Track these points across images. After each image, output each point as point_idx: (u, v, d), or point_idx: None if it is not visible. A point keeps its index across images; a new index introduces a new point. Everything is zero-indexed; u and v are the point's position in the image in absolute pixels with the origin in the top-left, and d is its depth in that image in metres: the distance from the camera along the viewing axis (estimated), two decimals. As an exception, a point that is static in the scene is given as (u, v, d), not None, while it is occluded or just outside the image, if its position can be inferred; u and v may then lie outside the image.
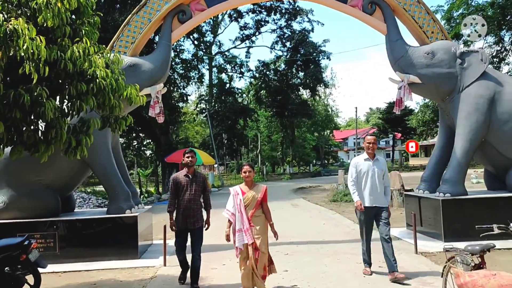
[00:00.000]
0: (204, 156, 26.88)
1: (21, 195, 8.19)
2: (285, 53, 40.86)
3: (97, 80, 4.92)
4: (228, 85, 42.59)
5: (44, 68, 4.28)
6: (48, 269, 6.51)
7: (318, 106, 54.80)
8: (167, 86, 9.43)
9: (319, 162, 57.92)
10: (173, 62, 28.82)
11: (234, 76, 43.60)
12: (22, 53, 4.13)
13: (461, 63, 9.02)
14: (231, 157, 53.64)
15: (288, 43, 40.15)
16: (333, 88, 63.09)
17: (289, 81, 42.00)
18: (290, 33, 39.75)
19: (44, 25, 4.61)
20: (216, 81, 41.96)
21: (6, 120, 4.45)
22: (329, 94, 58.03)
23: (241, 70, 41.99)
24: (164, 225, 7.68)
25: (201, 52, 36.61)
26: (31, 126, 4.80)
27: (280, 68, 41.41)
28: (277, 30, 40.16)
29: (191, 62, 33.42)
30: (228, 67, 42.72)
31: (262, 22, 39.95)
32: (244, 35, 40.92)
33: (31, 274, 5.94)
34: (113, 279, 7.05)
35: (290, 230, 10.60)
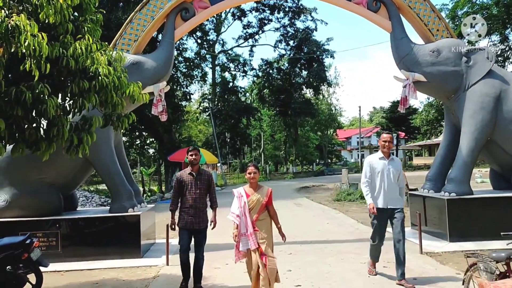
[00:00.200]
0: (207, 155, 26.83)
1: (24, 194, 8.16)
2: (289, 52, 40.79)
3: (100, 78, 4.87)
4: (231, 84, 42.53)
5: (46, 65, 4.23)
6: (50, 268, 6.47)
7: (322, 105, 54.70)
8: (170, 85, 9.38)
9: (323, 161, 57.86)
10: (176, 61, 28.80)
11: (237, 75, 43.58)
12: (24, 50, 4.07)
13: (467, 61, 8.93)
14: (234, 156, 53.67)
15: (292, 42, 40.07)
16: (337, 87, 62.88)
17: (292, 80, 41.91)
18: (294, 32, 39.65)
19: (46, 22, 4.56)
20: (219, 80, 41.92)
21: (8, 118, 4.40)
22: (333, 93, 57.93)
23: (244, 69, 41.95)
24: (167, 224, 7.62)
25: (204, 51, 36.53)
26: (33, 124, 4.74)
27: (284, 67, 41.33)
28: (281, 29, 40.12)
29: (194, 61, 33.39)
30: (232, 66, 42.66)
31: (266, 21, 39.89)
32: (248, 34, 40.87)
33: (33, 273, 5.91)
34: (116, 278, 7.01)
35: (294, 230, 10.53)
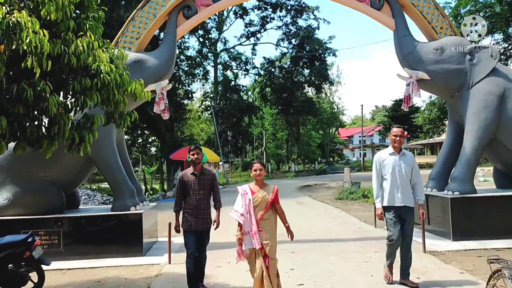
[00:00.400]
0: (209, 154, 26.80)
1: (26, 192, 8.15)
2: (291, 50, 40.68)
3: (101, 75, 4.82)
4: (233, 82, 42.47)
5: (47, 62, 4.20)
6: (52, 266, 6.45)
7: (324, 104, 54.62)
8: (172, 83, 9.34)
9: (324, 160, 57.80)
10: (178, 59, 28.75)
11: (239, 73, 43.50)
12: (25, 47, 4.03)
13: (471, 59, 8.88)
14: (236, 155, 53.65)
15: (294, 40, 39.95)
16: (339, 85, 62.78)
17: (294, 79, 41.82)
18: (296, 30, 39.54)
19: (48, 19, 4.53)
20: (221, 78, 41.87)
21: (9, 115, 4.37)
22: (335, 91, 57.83)
23: (246, 67, 41.86)
24: (169, 223, 7.61)
25: (206, 49, 36.48)
26: (34, 122, 4.72)
27: (286, 65, 41.24)
28: (283, 27, 40.00)
29: (196, 59, 33.34)
30: (234, 64, 42.59)
31: (268, 19, 39.77)
32: (249, 32, 40.76)
33: (35, 271, 5.90)
34: (118, 277, 6.99)
35: (296, 228, 10.33)
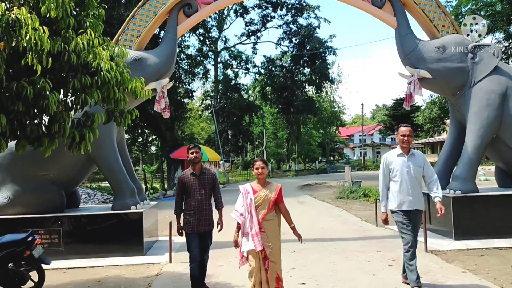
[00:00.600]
0: (210, 153, 26.77)
1: (26, 191, 8.12)
2: (291, 49, 40.65)
3: (102, 73, 4.80)
4: (234, 81, 42.43)
5: (47, 60, 4.16)
6: (53, 265, 6.42)
7: (324, 103, 54.60)
8: (172, 82, 9.31)
9: (325, 159, 57.79)
10: (178, 58, 28.72)
11: (240, 72, 43.47)
12: (25, 44, 4.01)
13: (473, 58, 8.83)
14: (236, 154, 53.60)
15: (294, 39, 39.91)
16: (340, 84, 62.78)
17: (295, 78, 41.80)
18: (296, 29, 39.49)
19: (48, 16, 4.50)
20: (222, 77, 41.84)
21: (9, 113, 4.34)
22: (336, 90, 57.84)
23: (247, 66, 41.81)
24: (170, 222, 7.58)
25: (206, 48, 36.43)
26: (34, 120, 4.69)
27: (286, 64, 41.19)
28: (283, 26, 39.97)
29: (196, 58, 33.30)
30: (234, 63, 42.56)
31: (268, 18, 39.72)
32: (250, 31, 40.73)
33: (35, 271, 5.87)
34: (118, 276, 6.96)
35: (297, 227, 10.37)
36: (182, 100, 30.57)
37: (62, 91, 4.93)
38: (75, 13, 5.13)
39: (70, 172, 8.69)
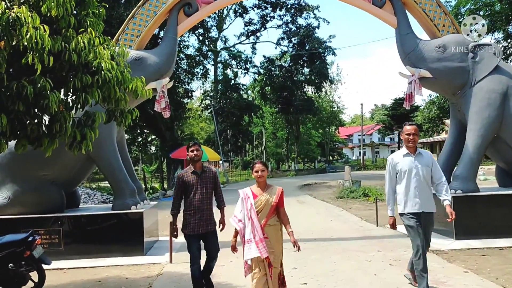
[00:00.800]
0: (210, 152, 26.75)
1: (26, 191, 8.10)
2: (291, 49, 40.65)
3: (102, 72, 4.78)
4: (233, 81, 42.42)
5: (48, 58, 4.14)
6: (53, 266, 6.39)
7: (324, 103, 54.59)
8: (172, 82, 9.28)
9: (324, 159, 57.79)
10: (177, 58, 28.69)
11: (239, 72, 43.47)
12: (26, 43, 3.98)
13: (473, 57, 8.82)
14: (236, 154, 53.57)
15: (294, 39, 39.90)
16: (339, 84, 62.82)
17: (294, 78, 41.80)
18: (296, 29, 39.49)
19: (48, 15, 4.48)
20: (221, 77, 41.82)
21: (9, 113, 4.31)
22: (335, 89, 57.84)
23: (246, 66, 41.79)
24: (170, 222, 7.53)
25: (206, 48, 36.40)
26: (35, 119, 4.66)
27: (285, 64, 41.18)
28: (283, 26, 39.96)
29: (195, 58, 33.28)
30: (233, 63, 42.55)
31: (268, 18, 39.72)
32: (249, 31, 40.72)
33: (35, 271, 5.85)
34: (119, 276, 6.94)
35: (297, 227, 10.36)
36: (182, 100, 30.56)
37: (63, 91, 4.90)
38: (76, 12, 5.10)
39: (70, 172, 8.67)
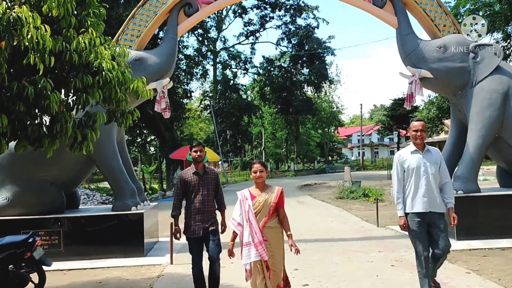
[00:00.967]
0: (209, 153, 26.70)
1: (26, 192, 8.06)
2: (290, 49, 40.66)
3: (103, 73, 4.75)
4: (233, 82, 42.40)
5: (50, 59, 4.11)
6: (53, 267, 6.34)
7: (323, 103, 54.61)
8: (171, 82, 9.25)
9: (324, 159, 57.80)
10: (177, 58, 28.68)
11: (239, 73, 43.46)
12: (27, 43, 3.95)
13: (474, 57, 8.80)
14: (235, 154, 53.54)
15: (293, 39, 39.90)
16: (338, 85, 62.85)
17: (294, 78, 41.81)
18: (295, 29, 39.49)
19: (49, 15, 4.45)
20: (221, 77, 41.81)
21: (10, 113, 4.28)
22: (335, 90, 57.88)
23: (246, 67, 41.79)
24: (171, 223, 7.51)
25: (205, 48, 36.37)
26: (36, 120, 4.63)
27: (285, 65, 41.18)
28: (282, 26, 39.95)
29: (195, 58, 33.25)
30: (233, 63, 42.53)
31: (267, 18, 39.71)
32: (249, 31, 40.70)
33: (36, 272, 5.82)
34: (119, 278, 6.91)
35: (298, 228, 10.42)
36: (181, 100, 30.52)
37: (63, 91, 4.88)
38: (76, 12, 5.07)
39: (70, 173, 8.64)
